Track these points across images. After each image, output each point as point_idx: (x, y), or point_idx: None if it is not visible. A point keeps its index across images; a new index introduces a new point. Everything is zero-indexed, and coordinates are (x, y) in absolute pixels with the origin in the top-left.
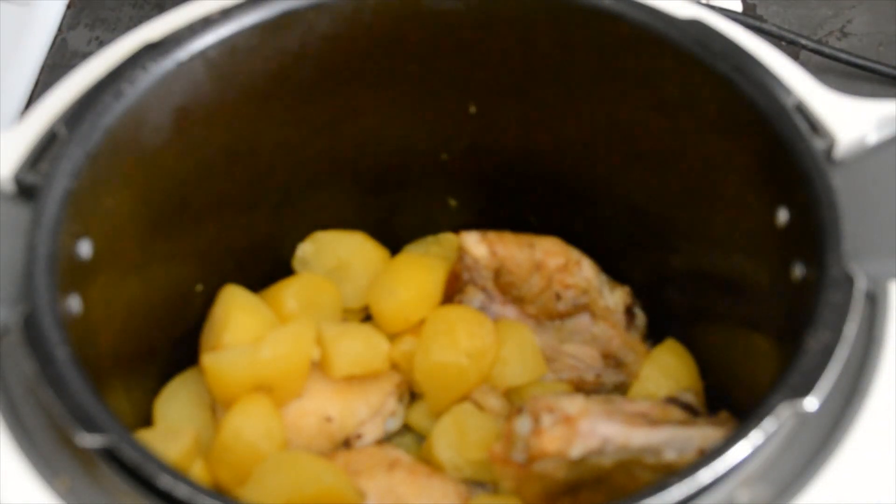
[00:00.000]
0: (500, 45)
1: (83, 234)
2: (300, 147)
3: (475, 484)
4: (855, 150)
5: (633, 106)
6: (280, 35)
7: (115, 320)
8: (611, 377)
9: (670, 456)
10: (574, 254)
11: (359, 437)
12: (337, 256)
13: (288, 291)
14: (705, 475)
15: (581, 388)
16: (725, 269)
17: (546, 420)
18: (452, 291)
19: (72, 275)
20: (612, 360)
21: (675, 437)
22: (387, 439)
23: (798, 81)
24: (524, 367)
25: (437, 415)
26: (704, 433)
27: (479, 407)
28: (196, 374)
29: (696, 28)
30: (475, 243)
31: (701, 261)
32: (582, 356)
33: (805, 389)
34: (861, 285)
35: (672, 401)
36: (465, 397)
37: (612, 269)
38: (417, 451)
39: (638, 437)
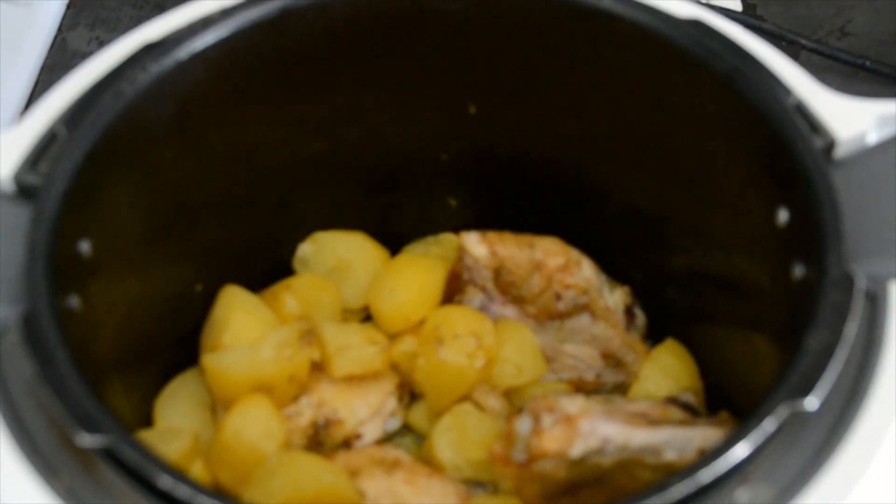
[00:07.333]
0: (500, 45)
1: (83, 234)
2: (300, 147)
3: (475, 484)
4: (855, 150)
5: (633, 106)
6: (280, 34)
7: (115, 320)
8: (611, 377)
9: (670, 456)
10: (574, 254)
11: (359, 437)
12: (337, 256)
13: (288, 291)
14: (705, 475)
15: (581, 388)
16: (725, 269)
17: (546, 420)
18: (452, 291)
19: (71, 274)
20: (612, 360)
21: (675, 437)
22: (387, 439)
23: (798, 81)
24: (524, 367)
25: (437, 415)
26: (704, 433)
27: (479, 407)
28: (196, 374)
29: (696, 28)
30: (475, 243)
31: (701, 261)
32: (582, 356)
33: (805, 389)
34: (861, 285)
35: (672, 401)
36: (465, 397)
37: (612, 269)
38: (417, 451)
39: (638, 437)
